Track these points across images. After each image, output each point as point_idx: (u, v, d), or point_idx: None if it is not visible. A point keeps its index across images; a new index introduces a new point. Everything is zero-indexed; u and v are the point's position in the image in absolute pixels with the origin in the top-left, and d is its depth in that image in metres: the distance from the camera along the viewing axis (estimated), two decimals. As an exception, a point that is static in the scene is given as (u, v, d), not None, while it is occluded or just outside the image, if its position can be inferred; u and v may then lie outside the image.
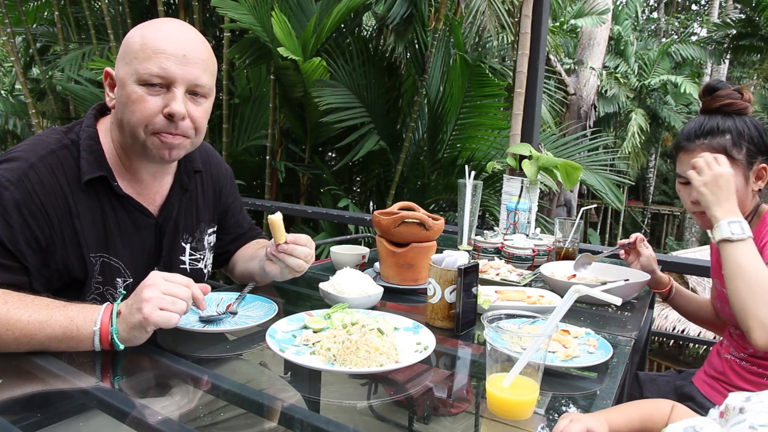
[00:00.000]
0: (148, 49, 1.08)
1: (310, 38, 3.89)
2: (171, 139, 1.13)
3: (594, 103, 8.64)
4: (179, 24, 1.15)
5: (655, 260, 1.70)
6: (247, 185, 4.83)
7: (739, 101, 1.41)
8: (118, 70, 1.13)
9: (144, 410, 0.81)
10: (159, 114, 1.11)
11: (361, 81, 4.36)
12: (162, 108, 1.10)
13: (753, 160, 1.39)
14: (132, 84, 1.09)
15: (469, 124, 4.58)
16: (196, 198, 1.36)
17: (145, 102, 1.09)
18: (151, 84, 1.09)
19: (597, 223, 14.48)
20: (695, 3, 18.87)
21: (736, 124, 1.40)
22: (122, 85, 1.11)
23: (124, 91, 1.10)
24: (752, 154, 1.39)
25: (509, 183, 2.61)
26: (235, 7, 3.85)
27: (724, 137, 1.40)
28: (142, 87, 1.09)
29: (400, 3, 4.17)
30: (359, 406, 0.88)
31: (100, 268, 1.17)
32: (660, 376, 1.73)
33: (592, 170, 4.51)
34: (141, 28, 1.13)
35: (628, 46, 12.33)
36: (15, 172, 1.06)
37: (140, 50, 1.09)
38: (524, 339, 0.83)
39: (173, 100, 1.10)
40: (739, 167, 1.39)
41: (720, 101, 1.43)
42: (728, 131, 1.40)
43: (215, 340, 1.09)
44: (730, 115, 1.42)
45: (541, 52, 3.17)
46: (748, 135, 1.39)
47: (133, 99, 1.09)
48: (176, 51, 1.10)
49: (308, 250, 1.25)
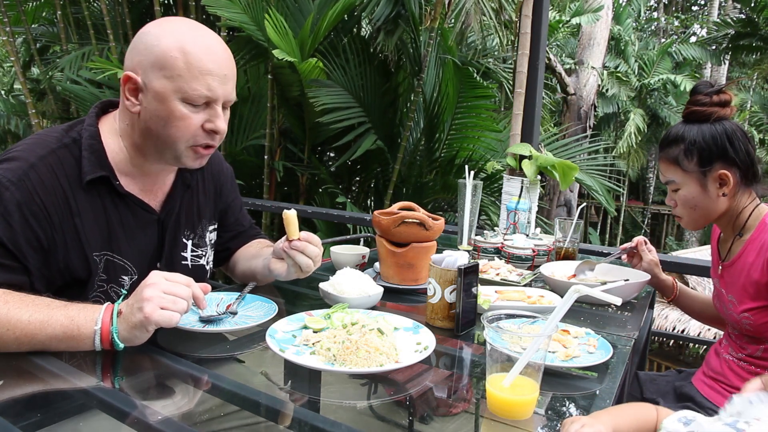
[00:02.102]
0: (195, 69, 1.09)
1: (307, 38, 3.89)
2: (207, 151, 1.19)
3: (594, 103, 8.64)
4: (216, 39, 1.16)
5: (658, 265, 1.70)
6: (246, 185, 4.83)
7: (706, 109, 1.42)
8: (150, 81, 1.11)
9: (144, 410, 0.81)
10: (201, 129, 1.14)
11: (358, 81, 4.35)
12: (203, 123, 1.14)
13: (706, 167, 1.40)
14: (176, 101, 1.10)
15: (463, 124, 4.58)
16: (197, 194, 1.37)
17: (190, 120, 1.12)
18: (197, 104, 1.12)
19: (597, 223, 14.49)
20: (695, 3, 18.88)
21: (692, 132, 1.42)
22: (161, 100, 1.10)
23: (165, 106, 1.11)
24: (704, 161, 1.40)
25: (509, 183, 2.61)
26: (227, 6, 3.84)
27: (678, 147, 1.44)
28: (186, 105, 1.11)
29: (385, 3, 4.16)
30: (359, 406, 0.88)
31: (104, 267, 1.18)
32: (660, 376, 1.73)
33: (588, 173, 4.50)
34: (178, 39, 1.10)
35: (628, 46, 12.33)
36: (15, 172, 1.06)
37: (186, 69, 1.09)
38: (524, 339, 0.83)
39: (217, 117, 1.15)
40: (692, 176, 1.42)
41: (687, 110, 1.46)
42: (682, 140, 1.43)
43: (215, 340, 1.09)
44: (694, 122, 1.44)
45: (541, 52, 3.17)
46: (699, 143, 1.40)
47: (177, 116, 1.11)
48: (220, 71, 1.12)
49: (318, 251, 1.26)
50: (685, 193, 1.45)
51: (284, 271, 1.27)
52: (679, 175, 1.45)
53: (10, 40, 4.81)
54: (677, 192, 1.47)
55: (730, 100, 1.43)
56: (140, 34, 1.14)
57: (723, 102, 1.41)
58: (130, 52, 1.14)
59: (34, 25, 5.74)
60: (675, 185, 1.47)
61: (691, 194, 1.43)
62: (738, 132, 1.40)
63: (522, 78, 3.15)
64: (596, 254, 2.36)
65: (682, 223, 1.54)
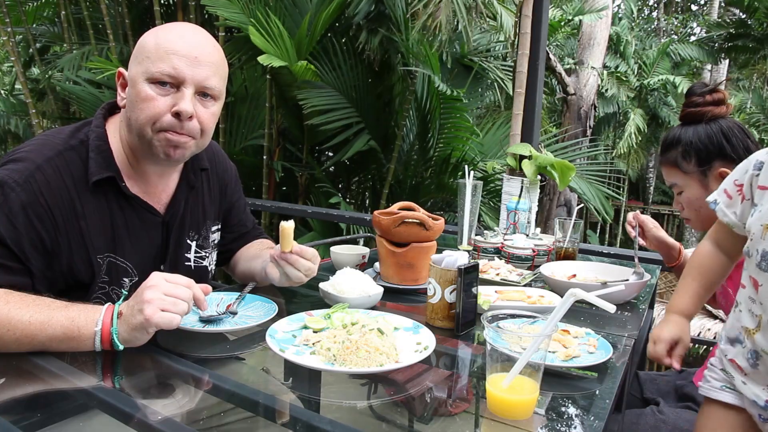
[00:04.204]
0: (161, 49, 1.10)
1: (304, 37, 3.88)
2: (177, 137, 1.14)
3: (594, 103, 8.63)
4: (193, 27, 1.17)
5: (659, 228, 1.69)
6: (245, 185, 4.82)
7: (700, 109, 1.42)
8: (130, 70, 1.15)
9: (145, 410, 0.81)
10: (167, 113, 1.12)
11: (350, 82, 4.32)
12: (171, 107, 1.11)
13: (705, 167, 1.40)
14: (142, 83, 1.10)
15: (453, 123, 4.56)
16: (202, 196, 1.37)
17: (154, 100, 1.10)
18: (162, 83, 1.10)
19: (597, 223, 14.48)
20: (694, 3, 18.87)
21: (688, 133, 1.42)
22: (133, 84, 1.12)
23: (134, 90, 1.11)
24: (703, 161, 1.40)
25: (509, 183, 2.61)
26: (226, 6, 3.84)
27: (676, 150, 1.44)
28: (152, 86, 1.10)
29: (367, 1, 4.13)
30: (359, 406, 0.88)
31: (107, 269, 1.18)
32: (660, 375, 1.73)
33: (586, 180, 4.48)
34: (156, 30, 1.15)
35: (627, 46, 12.33)
36: (22, 173, 1.06)
37: (153, 50, 1.10)
38: (524, 339, 0.83)
39: (182, 99, 1.11)
40: (693, 177, 1.41)
41: (682, 112, 1.46)
42: (678, 143, 1.43)
43: (215, 340, 1.09)
44: (691, 124, 1.43)
45: (541, 52, 3.17)
46: (695, 143, 1.40)
47: (142, 97, 1.10)
48: (188, 52, 1.11)
49: (310, 265, 1.24)
50: (689, 195, 1.45)
51: (277, 278, 1.26)
52: (680, 177, 1.45)
53: (11, 40, 4.81)
54: (682, 195, 1.47)
55: (724, 99, 1.43)
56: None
57: (717, 101, 1.41)
58: None
59: (34, 25, 5.74)
60: (678, 188, 1.47)
61: (695, 195, 1.43)
62: (735, 128, 1.40)
63: (522, 78, 3.15)
64: (596, 254, 2.36)
65: (692, 226, 1.52)
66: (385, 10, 4.30)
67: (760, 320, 0.97)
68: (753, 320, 0.99)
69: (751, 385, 1.01)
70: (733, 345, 1.03)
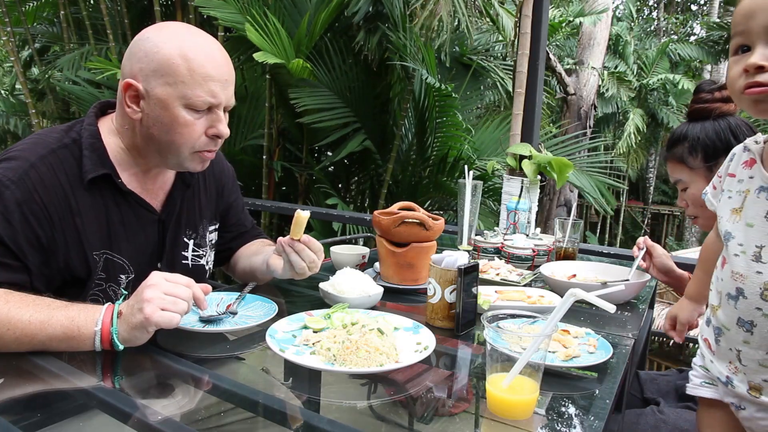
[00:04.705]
0: (197, 75, 1.10)
1: (303, 37, 3.87)
2: (210, 155, 1.20)
3: (594, 103, 8.63)
4: (214, 44, 1.17)
5: (669, 257, 1.64)
6: (245, 185, 4.83)
7: (708, 105, 1.41)
8: (153, 88, 1.11)
9: (144, 410, 0.81)
10: (203, 135, 1.16)
11: (345, 82, 4.31)
12: (206, 129, 1.15)
13: (712, 162, 1.40)
14: (179, 107, 1.11)
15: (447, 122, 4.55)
16: (198, 194, 1.37)
17: (194, 126, 1.13)
18: (200, 109, 1.13)
19: (597, 223, 14.48)
20: (694, 3, 18.87)
21: (695, 129, 1.41)
22: (164, 107, 1.11)
23: (168, 113, 1.12)
24: (709, 157, 1.39)
25: (509, 183, 2.61)
26: (220, 6, 3.83)
27: (682, 146, 1.43)
28: (190, 111, 1.12)
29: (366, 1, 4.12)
30: (359, 406, 0.88)
31: (104, 265, 1.18)
32: (661, 375, 1.73)
33: (585, 172, 4.47)
34: (175, 44, 1.10)
35: (627, 46, 12.33)
36: (16, 171, 1.07)
37: (188, 75, 1.10)
38: (524, 339, 0.83)
39: (219, 122, 1.16)
40: (699, 173, 1.41)
41: (690, 108, 1.45)
42: (685, 139, 1.42)
43: (215, 340, 1.09)
44: (698, 120, 1.43)
45: (541, 52, 3.16)
46: (702, 139, 1.40)
47: (180, 122, 1.12)
48: (221, 76, 1.13)
49: (315, 257, 1.26)
50: (694, 191, 1.44)
51: (281, 268, 1.27)
52: (686, 173, 1.44)
53: (11, 40, 4.81)
54: (687, 191, 1.46)
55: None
56: (138, 41, 1.13)
57: (725, 98, 1.41)
58: (129, 59, 1.13)
59: (34, 25, 5.74)
60: (683, 184, 1.46)
61: (700, 191, 1.41)
62: (743, 126, 1.40)
63: (522, 78, 3.15)
64: (596, 254, 2.36)
65: (697, 224, 1.51)
66: (383, 10, 4.30)
67: (720, 297, 1.02)
68: (716, 297, 1.04)
69: (716, 363, 1.06)
70: (708, 325, 1.09)
